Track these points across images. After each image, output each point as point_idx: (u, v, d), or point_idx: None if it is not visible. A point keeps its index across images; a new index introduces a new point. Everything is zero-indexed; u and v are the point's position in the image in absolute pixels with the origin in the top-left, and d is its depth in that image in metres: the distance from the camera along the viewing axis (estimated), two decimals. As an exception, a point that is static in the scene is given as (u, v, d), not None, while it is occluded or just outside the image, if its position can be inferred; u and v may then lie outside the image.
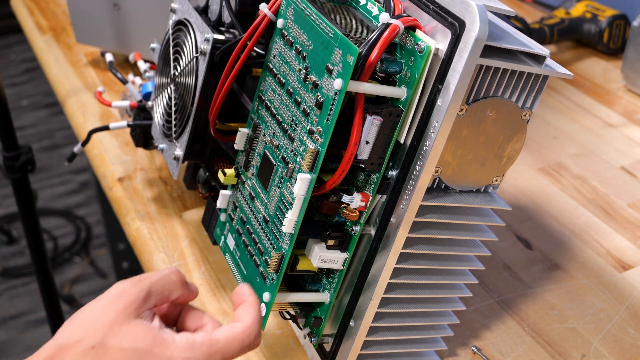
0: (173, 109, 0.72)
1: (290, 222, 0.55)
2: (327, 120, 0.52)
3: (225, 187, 0.67)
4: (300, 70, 0.56)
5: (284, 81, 0.58)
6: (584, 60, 1.21)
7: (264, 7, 0.59)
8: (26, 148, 1.17)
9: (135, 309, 0.48)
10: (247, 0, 0.67)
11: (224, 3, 0.68)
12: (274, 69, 0.60)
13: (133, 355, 0.46)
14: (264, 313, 0.59)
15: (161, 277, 0.51)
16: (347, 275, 0.59)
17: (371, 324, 0.58)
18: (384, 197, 0.54)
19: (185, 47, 0.70)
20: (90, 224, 2.31)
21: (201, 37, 0.67)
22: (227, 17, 0.68)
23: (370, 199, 0.54)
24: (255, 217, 0.62)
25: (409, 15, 0.51)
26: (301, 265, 0.58)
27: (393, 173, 0.53)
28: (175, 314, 0.53)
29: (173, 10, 0.73)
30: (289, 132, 0.57)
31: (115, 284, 0.50)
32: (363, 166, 0.53)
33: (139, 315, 0.48)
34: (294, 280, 0.63)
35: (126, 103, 0.82)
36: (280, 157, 0.58)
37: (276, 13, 0.59)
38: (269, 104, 0.60)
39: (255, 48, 0.65)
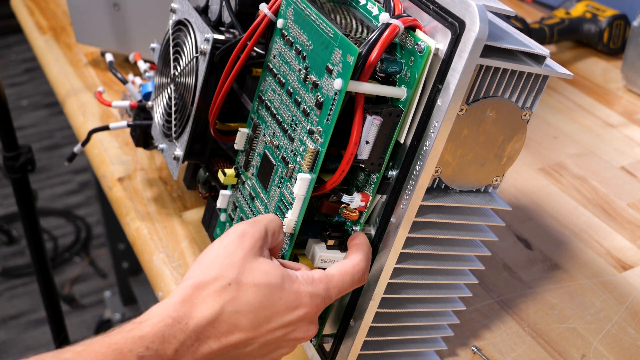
0: (173, 109, 0.72)
1: (290, 222, 0.55)
2: (327, 120, 0.52)
3: (225, 187, 0.67)
4: (300, 70, 0.56)
5: (284, 81, 0.58)
6: (584, 60, 1.21)
7: (264, 7, 0.59)
8: (26, 148, 1.17)
9: (260, 248, 0.51)
10: (247, 0, 0.67)
11: (224, 3, 0.68)
12: (274, 69, 0.60)
13: (266, 290, 0.49)
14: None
15: (272, 219, 0.54)
16: (347, 275, 0.59)
17: (371, 324, 0.58)
18: (384, 197, 0.54)
19: (185, 47, 0.70)
20: (90, 224, 2.31)
21: (201, 37, 0.67)
22: (227, 17, 0.68)
23: (370, 199, 0.54)
24: (255, 217, 0.62)
25: (409, 15, 0.51)
26: (301, 265, 0.58)
27: (393, 173, 0.53)
28: None
29: (173, 10, 0.73)
30: (289, 132, 0.57)
31: (233, 226, 0.53)
32: (363, 166, 0.53)
33: (262, 254, 0.51)
34: (294, 280, 0.63)
35: (126, 103, 0.82)
36: (280, 157, 0.58)
37: (276, 13, 0.59)
38: (269, 104, 0.60)
39: (255, 48, 0.65)
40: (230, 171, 0.65)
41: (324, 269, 0.60)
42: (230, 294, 0.48)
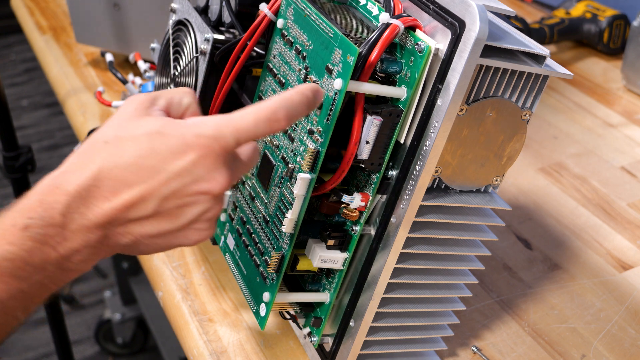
0: (173, 109, 0.72)
1: (290, 222, 0.55)
2: (327, 120, 0.52)
3: (225, 187, 0.67)
4: (300, 70, 0.56)
5: (284, 81, 0.58)
6: (584, 60, 1.21)
7: (264, 7, 0.59)
8: (26, 148, 1.17)
9: (146, 108, 0.48)
10: (247, 0, 0.67)
11: (224, 3, 0.68)
12: (274, 69, 0.60)
13: (144, 138, 0.45)
14: (263, 313, 0.59)
15: (180, 91, 0.51)
16: (347, 275, 0.59)
17: (371, 324, 0.58)
18: (384, 197, 0.54)
19: (185, 47, 0.70)
20: (90, 224, 2.30)
21: (201, 37, 0.67)
22: (227, 17, 0.68)
23: (370, 199, 0.54)
24: (255, 217, 0.62)
25: (409, 15, 0.51)
26: (301, 265, 0.58)
27: (393, 173, 0.53)
28: None
29: (173, 10, 0.73)
30: (289, 132, 0.57)
31: None
32: (363, 166, 0.53)
33: (149, 114, 0.48)
34: (294, 280, 0.63)
35: (126, 103, 0.82)
36: (280, 157, 0.58)
37: (276, 13, 0.59)
38: (269, 104, 0.60)
39: (255, 48, 0.65)
40: (230, 171, 0.65)
41: (324, 269, 0.60)
42: (108, 151, 0.45)
